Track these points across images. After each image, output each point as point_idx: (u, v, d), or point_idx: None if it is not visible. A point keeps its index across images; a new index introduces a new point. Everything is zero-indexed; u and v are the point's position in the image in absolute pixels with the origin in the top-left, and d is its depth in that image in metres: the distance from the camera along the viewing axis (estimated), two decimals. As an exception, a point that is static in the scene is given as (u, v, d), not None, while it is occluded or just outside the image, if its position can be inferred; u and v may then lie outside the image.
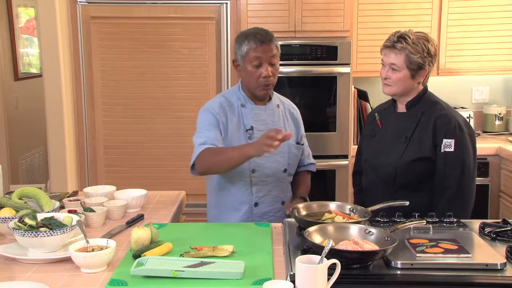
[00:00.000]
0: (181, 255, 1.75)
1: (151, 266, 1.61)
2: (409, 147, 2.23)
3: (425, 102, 2.27)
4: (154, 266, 1.61)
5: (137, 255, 1.74)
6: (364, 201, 2.30)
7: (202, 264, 1.65)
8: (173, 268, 1.60)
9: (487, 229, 1.91)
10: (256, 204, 2.32)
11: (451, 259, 1.64)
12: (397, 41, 2.20)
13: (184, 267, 1.61)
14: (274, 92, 2.44)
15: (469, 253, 1.66)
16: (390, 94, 2.30)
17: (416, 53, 2.18)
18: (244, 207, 2.33)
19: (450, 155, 2.17)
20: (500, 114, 4.06)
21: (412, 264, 1.61)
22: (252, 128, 2.31)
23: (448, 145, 2.17)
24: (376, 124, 2.39)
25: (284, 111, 2.45)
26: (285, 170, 2.38)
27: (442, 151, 2.17)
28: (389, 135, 2.31)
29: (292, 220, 2.02)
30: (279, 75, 2.20)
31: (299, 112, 2.54)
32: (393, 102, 2.37)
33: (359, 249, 1.62)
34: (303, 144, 2.50)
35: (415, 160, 2.21)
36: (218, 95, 2.45)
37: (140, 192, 2.40)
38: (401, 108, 2.32)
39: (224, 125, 2.29)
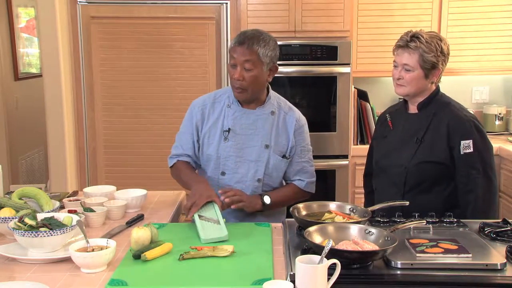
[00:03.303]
0: (181, 255, 1.75)
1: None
2: (421, 148, 2.19)
3: (437, 103, 2.24)
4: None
5: (137, 255, 1.74)
6: (376, 203, 2.22)
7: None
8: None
9: (487, 229, 1.91)
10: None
11: (451, 259, 1.64)
12: (411, 40, 2.17)
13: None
14: (280, 98, 2.32)
15: (469, 253, 1.66)
16: (403, 94, 2.26)
17: (430, 52, 2.16)
18: None
19: (471, 156, 2.13)
20: (500, 114, 4.05)
21: (412, 264, 1.61)
22: (229, 130, 2.22)
23: (466, 146, 2.13)
24: (387, 125, 2.36)
25: (278, 119, 2.26)
26: (259, 180, 2.25)
27: (462, 153, 2.13)
28: (400, 136, 2.28)
29: (292, 220, 2.02)
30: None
31: (302, 126, 2.31)
32: (404, 103, 2.33)
33: (359, 249, 1.62)
34: (288, 158, 2.29)
35: (427, 162, 2.18)
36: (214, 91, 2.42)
37: (140, 192, 2.40)
38: (413, 109, 2.29)
39: (199, 123, 2.28)
